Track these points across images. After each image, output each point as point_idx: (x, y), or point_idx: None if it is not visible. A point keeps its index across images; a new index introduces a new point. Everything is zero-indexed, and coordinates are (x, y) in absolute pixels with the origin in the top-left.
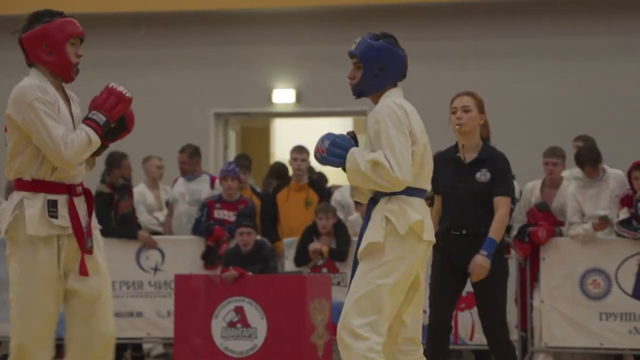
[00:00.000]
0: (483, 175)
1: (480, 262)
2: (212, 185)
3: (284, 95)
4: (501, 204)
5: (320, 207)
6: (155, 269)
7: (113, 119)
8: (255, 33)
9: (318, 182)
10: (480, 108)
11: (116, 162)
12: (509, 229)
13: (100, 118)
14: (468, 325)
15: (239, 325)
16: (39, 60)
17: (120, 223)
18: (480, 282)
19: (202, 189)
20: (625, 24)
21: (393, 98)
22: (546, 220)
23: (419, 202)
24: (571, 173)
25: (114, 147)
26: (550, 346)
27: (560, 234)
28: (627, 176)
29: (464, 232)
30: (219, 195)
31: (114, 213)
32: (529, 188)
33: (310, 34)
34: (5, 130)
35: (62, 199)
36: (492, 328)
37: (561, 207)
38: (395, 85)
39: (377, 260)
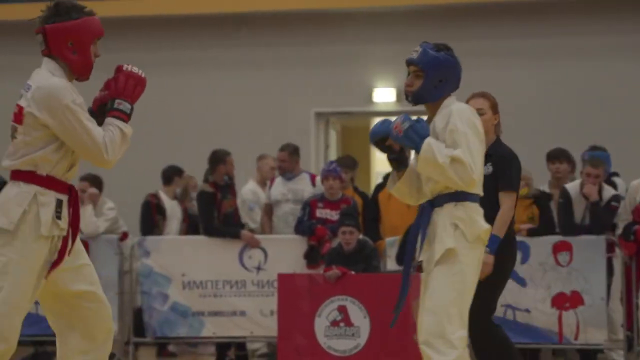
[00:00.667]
0: (486, 169)
1: (484, 260)
2: (313, 183)
3: (384, 94)
4: (504, 199)
5: None
6: (258, 268)
7: (134, 102)
8: (356, 32)
9: None
10: (494, 109)
11: (220, 159)
12: (613, 227)
13: (126, 107)
14: (573, 324)
15: (342, 324)
16: (61, 56)
17: (223, 222)
18: None
19: (304, 187)
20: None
21: (459, 103)
22: None
23: (480, 208)
24: None
25: (216, 145)
26: None
27: None
28: None
29: None
30: (321, 195)
31: (217, 212)
32: (634, 186)
33: (412, 32)
34: (18, 122)
35: (65, 199)
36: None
37: None
38: (449, 95)
39: (453, 267)
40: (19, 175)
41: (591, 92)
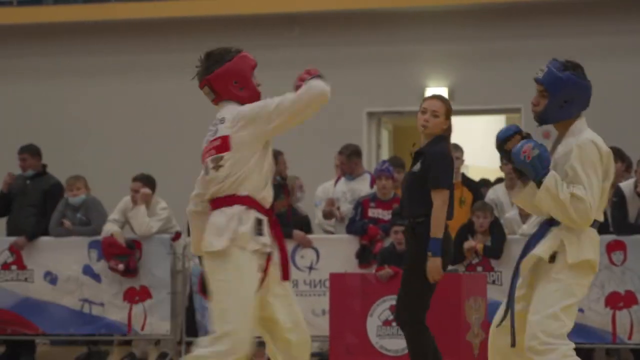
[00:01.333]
0: (416, 166)
1: (430, 265)
2: (372, 185)
3: (437, 93)
4: (434, 197)
5: (478, 205)
6: (310, 268)
7: None
8: (408, 32)
9: (472, 181)
10: (448, 114)
11: (275, 158)
12: None
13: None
14: (627, 324)
15: (394, 323)
16: (231, 96)
17: None
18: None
19: (363, 188)
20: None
21: (586, 132)
22: None
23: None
24: None
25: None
26: None
27: None
28: None
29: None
30: (374, 194)
31: None
32: None
33: (463, 32)
34: (225, 150)
35: (265, 220)
36: (401, 310)
37: None
38: (579, 116)
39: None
40: (221, 202)
41: None
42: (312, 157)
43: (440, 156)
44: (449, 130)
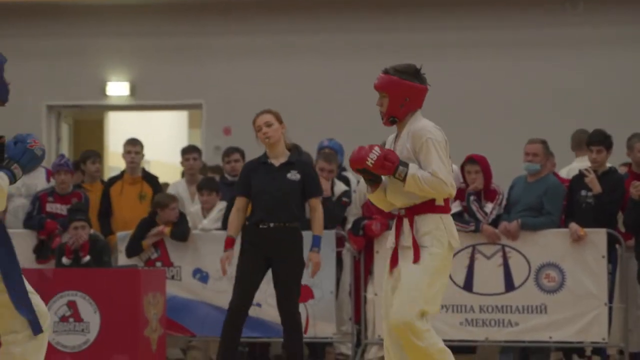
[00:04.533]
0: (294, 175)
1: (316, 259)
2: (48, 179)
3: (118, 88)
4: (318, 204)
5: (168, 196)
6: None
7: None
8: (89, 24)
9: (152, 176)
10: (279, 120)
11: None
12: (343, 222)
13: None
14: (303, 318)
15: (71, 319)
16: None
17: None
18: (284, 265)
19: (38, 182)
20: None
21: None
22: (380, 213)
23: None
24: None
25: None
26: (383, 338)
27: None
28: (460, 170)
29: (271, 224)
30: (52, 189)
31: None
32: (364, 182)
33: (144, 26)
34: None
35: None
36: (288, 302)
37: None
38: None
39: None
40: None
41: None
42: None
43: (313, 166)
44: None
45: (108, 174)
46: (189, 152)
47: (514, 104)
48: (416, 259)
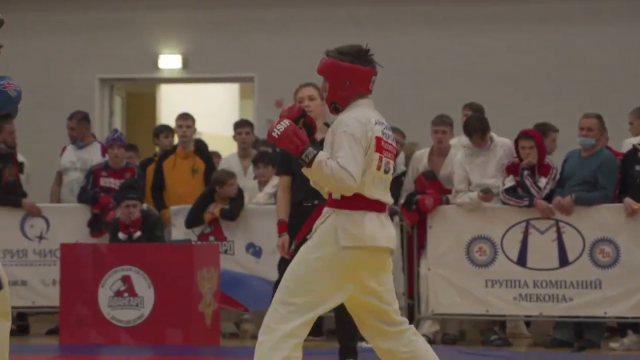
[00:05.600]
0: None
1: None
2: (103, 154)
3: (170, 61)
4: None
5: (226, 173)
6: (40, 237)
7: None
8: None
9: (204, 150)
10: (322, 95)
11: None
12: (397, 197)
13: None
14: None
15: (126, 294)
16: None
17: (5, 191)
18: None
19: (94, 157)
20: None
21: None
22: (433, 188)
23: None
24: (459, 140)
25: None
26: (437, 313)
27: (447, 202)
28: (514, 145)
29: (315, 202)
30: (105, 163)
31: None
32: (417, 156)
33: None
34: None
35: None
36: None
37: (449, 175)
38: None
39: None
40: None
41: (479, 59)
42: (45, 125)
43: None
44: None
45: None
46: (241, 126)
47: (567, 78)
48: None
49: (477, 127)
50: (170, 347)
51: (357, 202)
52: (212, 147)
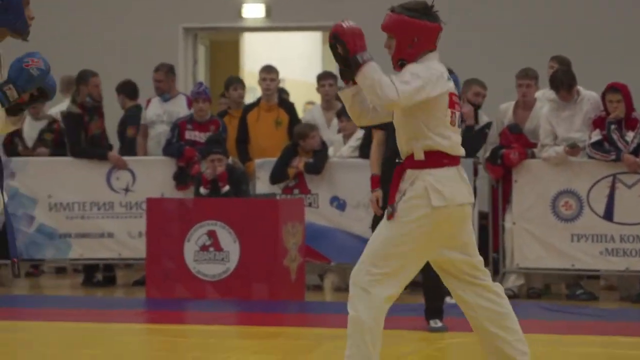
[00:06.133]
0: None
1: None
2: (189, 106)
3: (253, 10)
4: None
5: (308, 126)
6: (126, 190)
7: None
8: None
9: (288, 102)
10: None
11: (84, 79)
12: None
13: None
14: None
15: (211, 248)
16: None
17: (91, 144)
18: None
19: (180, 110)
20: None
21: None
22: (518, 142)
23: None
24: (544, 94)
25: (82, 64)
26: (522, 267)
27: (533, 156)
28: (601, 98)
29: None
30: (190, 116)
31: (84, 134)
32: (502, 110)
33: None
34: None
35: None
36: None
37: (534, 129)
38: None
39: None
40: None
41: (566, 11)
42: (129, 75)
43: None
44: None
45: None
46: (325, 78)
47: None
48: (389, 217)
49: (564, 81)
50: (255, 302)
51: (439, 160)
52: (294, 95)
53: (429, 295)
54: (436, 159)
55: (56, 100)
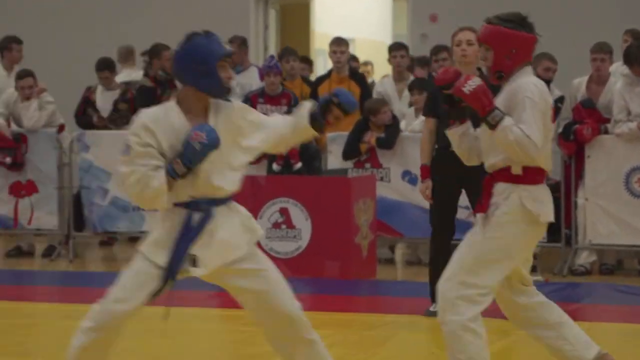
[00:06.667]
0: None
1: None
2: (261, 78)
3: None
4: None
5: (379, 101)
6: None
7: None
8: None
9: (359, 74)
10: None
11: (156, 53)
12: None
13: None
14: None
15: (283, 226)
16: None
17: None
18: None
19: (252, 82)
20: None
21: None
22: (591, 117)
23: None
24: (617, 68)
25: (153, 39)
26: (595, 243)
27: (606, 132)
28: None
29: None
30: (262, 89)
31: None
32: (575, 84)
33: None
34: None
35: None
36: None
37: (607, 104)
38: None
39: None
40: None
41: None
42: None
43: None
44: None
45: (315, 57)
46: (396, 49)
47: None
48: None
49: (638, 56)
50: (326, 281)
51: (536, 176)
52: (364, 52)
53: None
54: (534, 175)
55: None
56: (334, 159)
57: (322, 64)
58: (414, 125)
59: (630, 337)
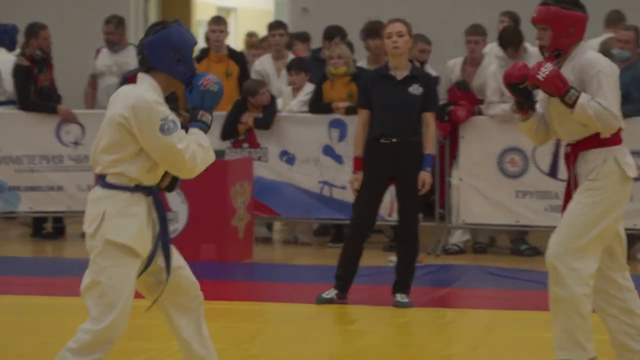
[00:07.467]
0: (416, 89)
1: (426, 178)
2: None
3: None
4: (432, 120)
5: (258, 82)
6: (76, 143)
7: None
8: None
9: (237, 53)
10: (410, 33)
11: (34, 32)
12: None
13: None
14: (387, 202)
15: None
16: None
17: (40, 96)
18: (410, 181)
19: (130, 61)
20: None
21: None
22: (466, 98)
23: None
24: (492, 49)
25: (33, 17)
26: (468, 223)
27: (480, 113)
28: None
29: (394, 140)
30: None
31: (34, 87)
32: (449, 66)
33: None
34: None
35: None
36: (410, 216)
37: (481, 86)
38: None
39: None
40: None
41: None
42: (77, 28)
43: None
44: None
45: (195, 28)
46: (276, 27)
47: None
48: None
49: (512, 39)
50: (203, 265)
51: (619, 136)
52: (246, 22)
53: (403, 269)
54: (619, 136)
55: None
56: (212, 139)
57: (203, 36)
58: (292, 105)
59: (499, 324)
